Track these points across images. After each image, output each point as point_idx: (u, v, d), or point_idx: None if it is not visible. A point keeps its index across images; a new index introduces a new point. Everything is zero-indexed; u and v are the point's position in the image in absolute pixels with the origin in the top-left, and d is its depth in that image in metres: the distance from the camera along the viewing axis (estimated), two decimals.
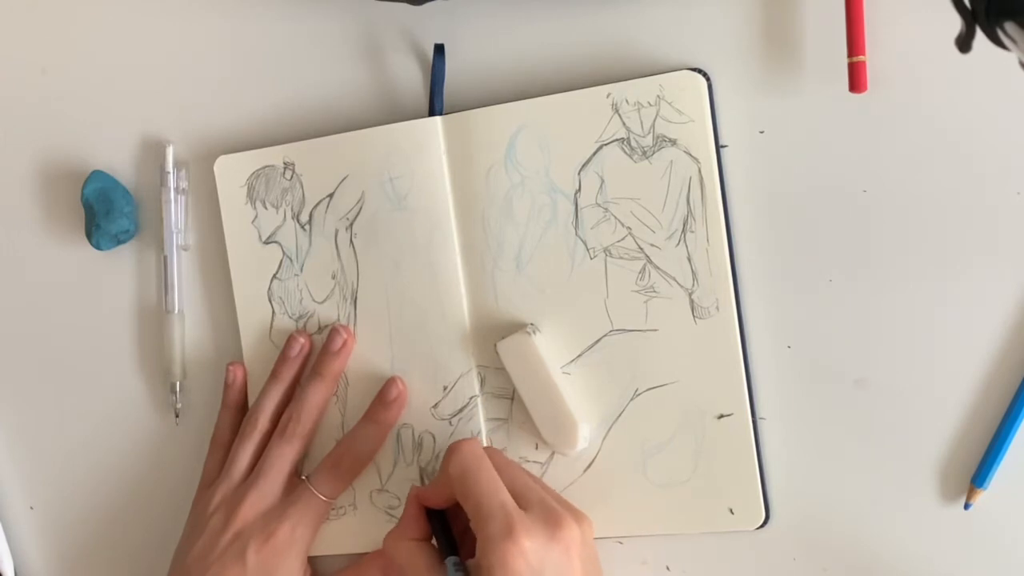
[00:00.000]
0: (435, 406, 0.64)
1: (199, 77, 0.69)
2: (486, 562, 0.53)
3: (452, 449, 0.58)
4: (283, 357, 0.66)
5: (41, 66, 0.72)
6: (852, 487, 0.60)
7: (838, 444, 0.60)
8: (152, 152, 0.70)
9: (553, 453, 0.63)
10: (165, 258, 0.70)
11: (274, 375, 0.66)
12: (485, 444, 0.64)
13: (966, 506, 0.58)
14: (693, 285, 0.60)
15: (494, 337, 0.63)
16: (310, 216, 0.66)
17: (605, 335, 0.62)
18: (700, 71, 0.59)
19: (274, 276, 0.67)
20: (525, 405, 0.62)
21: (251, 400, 0.68)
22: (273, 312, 0.67)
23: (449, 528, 0.60)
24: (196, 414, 0.71)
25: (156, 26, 0.69)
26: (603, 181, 0.61)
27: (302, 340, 0.66)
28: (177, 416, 0.70)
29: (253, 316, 0.68)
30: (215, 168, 0.67)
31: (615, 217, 0.61)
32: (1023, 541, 0.58)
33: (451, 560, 0.57)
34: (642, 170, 0.60)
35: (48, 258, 0.72)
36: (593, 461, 0.62)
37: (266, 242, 0.67)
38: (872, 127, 0.58)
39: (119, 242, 0.70)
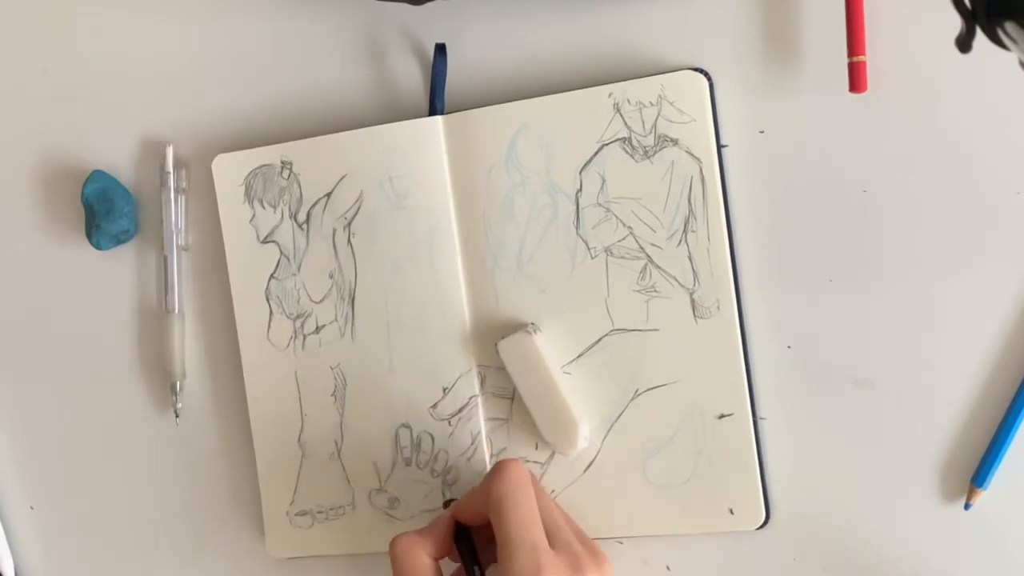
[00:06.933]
0: (434, 406, 0.64)
1: (199, 77, 0.69)
2: None
3: (498, 469, 0.57)
4: None
5: (41, 66, 0.72)
6: (852, 487, 0.60)
7: (838, 444, 0.60)
8: (152, 152, 0.70)
9: (553, 453, 0.63)
10: (165, 258, 0.69)
11: None
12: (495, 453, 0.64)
13: (966, 506, 0.58)
14: (694, 285, 0.60)
15: (494, 337, 0.63)
16: (307, 215, 0.66)
17: (606, 335, 0.62)
18: (701, 71, 0.59)
19: (272, 276, 0.67)
20: (525, 405, 0.62)
21: (249, 407, 0.68)
22: (271, 312, 0.67)
23: (474, 547, 0.59)
24: (196, 414, 0.70)
25: (156, 26, 0.69)
26: (604, 181, 0.61)
27: None
28: (177, 416, 0.70)
29: (251, 316, 0.67)
30: (213, 167, 0.67)
31: (616, 217, 0.61)
32: (1023, 541, 0.58)
33: None
34: (643, 170, 0.60)
35: (48, 258, 0.72)
36: (593, 461, 0.62)
37: (264, 241, 0.67)
38: (872, 127, 0.58)
39: (119, 242, 0.70)
